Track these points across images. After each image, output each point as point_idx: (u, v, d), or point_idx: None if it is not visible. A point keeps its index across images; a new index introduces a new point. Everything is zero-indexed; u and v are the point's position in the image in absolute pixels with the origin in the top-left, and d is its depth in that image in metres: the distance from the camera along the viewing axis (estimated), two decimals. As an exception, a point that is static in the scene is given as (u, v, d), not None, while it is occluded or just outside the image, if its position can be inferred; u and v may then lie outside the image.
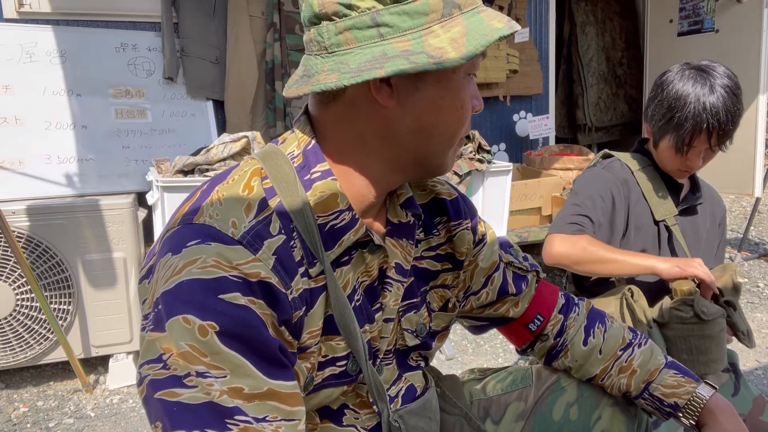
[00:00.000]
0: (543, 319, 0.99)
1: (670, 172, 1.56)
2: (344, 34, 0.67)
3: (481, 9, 0.71)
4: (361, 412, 0.80)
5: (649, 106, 1.52)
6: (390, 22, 0.66)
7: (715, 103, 1.39)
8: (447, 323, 0.93)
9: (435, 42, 0.67)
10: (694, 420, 0.92)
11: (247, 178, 0.70)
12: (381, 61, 0.66)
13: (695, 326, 1.33)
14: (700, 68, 1.45)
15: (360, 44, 0.67)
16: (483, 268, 0.94)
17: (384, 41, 0.67)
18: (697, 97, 1.39)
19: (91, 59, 2.67)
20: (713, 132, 1.41)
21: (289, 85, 0.74)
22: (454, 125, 0.74)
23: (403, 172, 0.77)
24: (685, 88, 1.42)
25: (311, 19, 0.70)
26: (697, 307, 1.31)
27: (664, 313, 1.34)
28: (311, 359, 0.72)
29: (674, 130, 1.43)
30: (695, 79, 1.42)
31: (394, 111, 0.71)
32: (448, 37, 0.67)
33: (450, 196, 0.90)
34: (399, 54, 0.66)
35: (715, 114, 1.38)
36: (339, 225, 0.72)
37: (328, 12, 0.67)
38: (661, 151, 1.52)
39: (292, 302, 0.66)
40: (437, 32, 0.67)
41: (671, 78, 1.46)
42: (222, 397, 0.59)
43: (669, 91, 1.45)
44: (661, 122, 1.46)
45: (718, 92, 1.39)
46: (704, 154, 1.47)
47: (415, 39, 0.67)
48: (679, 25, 4.08)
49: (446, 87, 0.71)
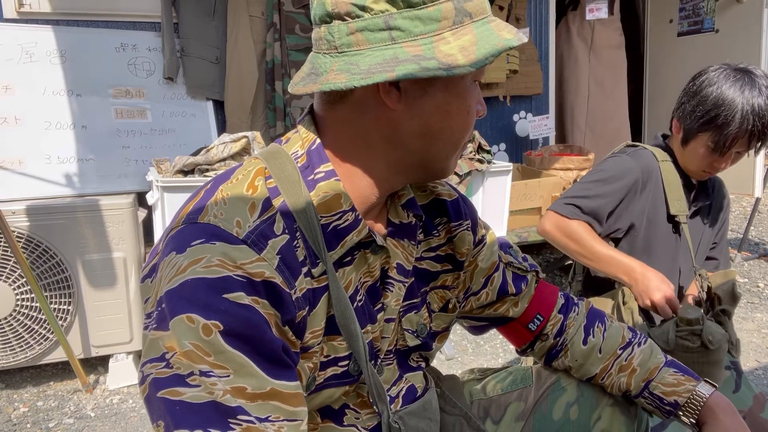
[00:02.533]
0: (543, 319, 0.99)
1: (691, 172, 1.54)
2: (356, 35, 0.68)
3: (491, 19, 0.72)
4: (361, 412, 0.80)
5: (686, 103, 1.49)
6: (402, 26, 0.67)
7: (763, 106, 1.37)
8: (447, 324, 0.93)
9: (446, 49, 0.67)
10: (694, 418, 0.92)
11: (251, 177, 0.70)
12: (392, 64, 0.66)
13: (701, 355, 1.32)
14: (743, 70, 1.43)
15: (371, 46, 0.67)
16: (483, 269, 0.94)
17: (395, 44, 0.67)
18: (747, 99, 1.38)
19: (91, 59, 2.67)
20: (756, 135, 1.39)
21: (296, 82, 0.74)
22: (459, 130, 0.75)
23: (406, 173, 0.77)
24: (733, 89, 1.39)
25: (323, 18, 0.70)
26: (705, 337, 1.30)
27: (669, 341, 1.32)
28: (313, 359, 0.72)
29: (717, 129, 1.40)
30: (743, 81, 1.40)
31: (401, 114, 0.71)
32: (459, 45, 0.68)
33: (450, 197, 0.91)
34: (410, 58, 0.66)
35: (762, 117, 1.37)
36: (342, 225, 0.72)
37: (341, 12, 0.68)
38: (691, 149, 1.49)
39: (296, 302, 0.67)
40: (448, 39, 0.68)
41: (715, 77, 1.44)
42: (225, 397, 0.59)
43: (714, 90, 1.42)
44: (702, 120, 1.43)
45: (765, 94, 1.38)
46: (734, 156, 1.46)
47: (427, 44, 0.67)
48: (679, 25, 4.09)
49: (454, 93, 0.72)
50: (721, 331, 1.34)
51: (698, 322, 1.31)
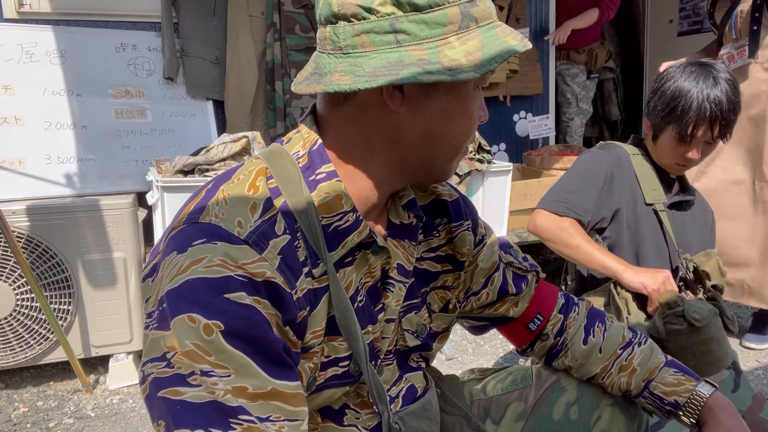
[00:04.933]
0: (543, 319, 0.99)
1: (666, 166, 1.60)
2: (361, 36, 0.67)
3: (496, 24, 0.72)
4: (362, 412, 0.80)
5: (651, 100, 1.57)
6: (408, 29, 0.67)
7: (718, 95, 1.44)
8: (448, 324, 0.93)
9: (451, 53, 0.67)
10: (695, 418, 0.92)
11: (252, 177, 0.70)
12: (397, 67, 0.66)
13: (692, 335, 1.33)
14: (702, 64, 1.50)
15: (376, 48, 0.67)
16: (483, 269, 0.94)
17: (400, 48, 0.67)
18: (701, 88, 1.45)
19: (91, 59, 2.67)
20: (716, 122, 1.45)
21: (299, 81, 0.74)
22: (461, 135, 0.75)
23: (407, 175, 0.78)
24: (688, 81, 1.47)
25: (328, 18, 0.70)
26: (689, 315, 1.32)
27: (659, 330, 1.34)
28: (314, 359, 0.72)
29: (677, 119, 1.47)
30: (698, 73, 1.47)
31: (404, 117, 0.71)
32: (464, 50, 0.68)
33: (451, 197, 0.91)
34: (415, 62, 0.66)
35: (718, 104, 1.43)
36: (343, 226, 0.72)
37: (347, 13, 0.67)
38: (660, 143, 1.56)
39: (297, 302, 0.67)
40: (453, 44, 0.68)
41: (673, 73, 1.52)
42: (226, 397, 0.59)
43: (671, 84, 1.50)
44: (663, 113, 1.51)
45: (721, 85, 1.45)
46: (703, 147, 1.52)
47: (432, 49, 0.67)
48: (679, 25, 4.09)
49: (457, 97, 0.72)
50: (707, 306, 1.36)
51: (677, 303, 1.34)
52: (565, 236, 1.50)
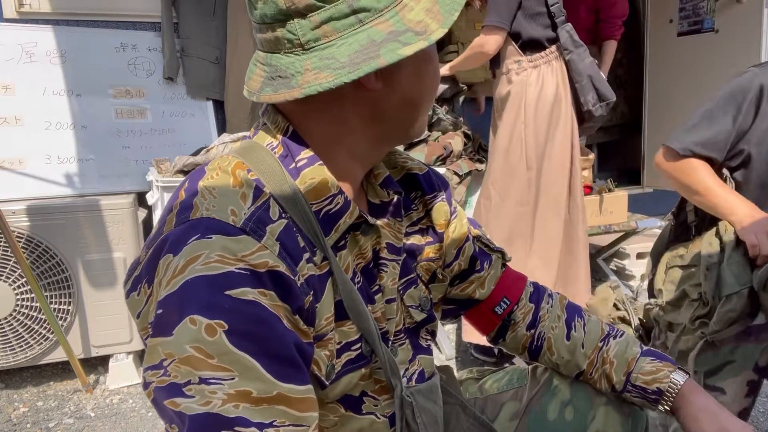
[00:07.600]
0: (510, 303, 0.98)
1: None
2: (322, 27, 0.65)
3: None
4: (380, 398, 0.79)
5: None
6: (367, 5, 0.65)
7: None
8: (443, 293, 0.94)
9: (412, 15, 0.66)
10: (668, 406, 0.92)
11: (231, 170, 0.68)
12: (372, 48, 0.65)
13: None
14: None
15: (341, 34, 0.66)
16: (454, 240, 0.94)
17: (363, 26, 0.66)
18: None
19: (91, 59, 2.68)
20: None
21: (256, 89, 0.71)
22: (432, 90, 0.77)
23: (387, 143, 0.79)
24: None
25: (275, 17, 0.67)
26: None
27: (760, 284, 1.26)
28: (329, 346, 0.70)
29: None
30: None
31: (381, 93, 0.71)
32: (423, 8, 0.67)
33: (421, 170, 0.90)
34: (387, 37, 0.65)
35: None
36: (334, 210, 0.71)
37: (299, 8, 0.65)
38: None
39: (301, 288, 0.65)
40: (411, 5, 0.67)
41: None
42: (224, 407, 0.56)
43: None
44: None
45: None
46: None
47: (394, 17, 0.66)
48: (679, 25, 4.08)
49: (423, 57, 0.72)
50: None
51: None
52: (687, 176, 1.44)
